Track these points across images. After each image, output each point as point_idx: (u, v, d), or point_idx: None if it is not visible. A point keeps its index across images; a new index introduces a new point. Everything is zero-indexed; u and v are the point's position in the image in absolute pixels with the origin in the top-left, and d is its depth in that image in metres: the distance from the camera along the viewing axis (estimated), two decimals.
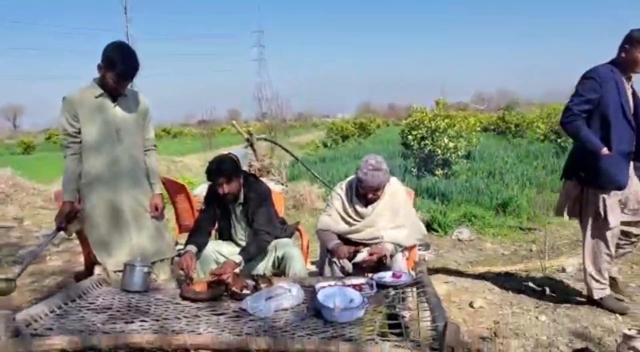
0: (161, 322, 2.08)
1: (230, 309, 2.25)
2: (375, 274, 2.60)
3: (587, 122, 2.99)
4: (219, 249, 3.01)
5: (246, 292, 2.37)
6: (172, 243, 3.11)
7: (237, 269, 2.63)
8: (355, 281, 2.46)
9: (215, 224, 3.12)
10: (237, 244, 3.06)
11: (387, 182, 2.96)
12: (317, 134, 29.42)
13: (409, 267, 2.90)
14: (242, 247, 2.88)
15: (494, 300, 3.40)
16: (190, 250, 2.81)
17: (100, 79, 2.66)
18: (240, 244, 3.02)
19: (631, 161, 3.07)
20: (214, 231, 3.17)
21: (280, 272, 2.97)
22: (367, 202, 2.98)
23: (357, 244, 2.91)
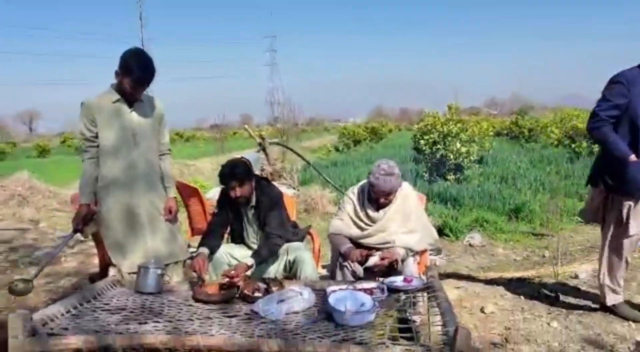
0: (174, 324, 2.10)
1: (242, 312, 2.26)
2: (386, 278, 2.60)
3: (615, 128, 2.91)
4: (231, 251, 3.04)
5: (258, 295, 2.38)
6: (185, 246, 3.14)
7: (248, 272, 2.66)
8: (367, 285, 2.46)
9: (228, 228, 3.15)
10: (249, 247, 3.09)
11: (399, 187, 2.96)
12: (328, 139, 29.47)
13: (420, 272, 2.90)
14: (254, 250, 2.90)
15: (505, 306, 3.38)
16: (202, 252, 2.84)
17: (117, 85, 2.71)
18: (252, 247, 3.04)
19: None
20: (226, 234, 3.20)
21: (291, 276, 2.99)
22: (378, 207, 2.98)
23: (368, 249, 2.92)
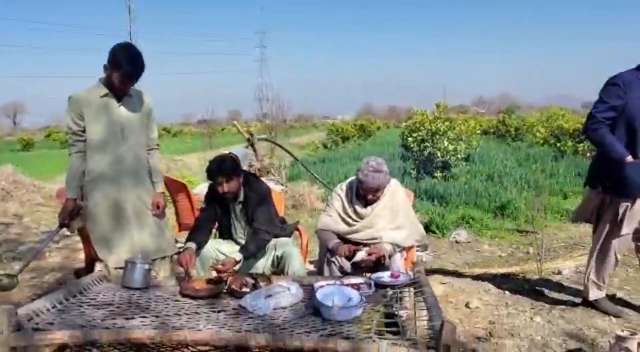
0: (161, 319, 2.09)
1: (229, 307, 2.26)
2: (373, 273, 2.62)
3: (611, 129, 2.91)
4: (218, 247, 3.03)
5: (245, 290, 2.39)
6: (173, 241, 3.13)
7: (236, 267, 2.66)
8: (354, 281, 2.48)
9: (216, 223, 3.15)
10: (237, 242, 3.09)
11: (387, 184, 2.98)
12: (317, 135, 29.41)
13: (407, 268, 2.93)
14: (242, 245, 2.91)
15: (490, 301, 3.43)
16: (190, 247, 2.84)
17: (105, 79, 2.69)
18: (240, 243, 3.04)
19: None
20: (214, 230, 3.20)
21: (279, 271, 3.00)
22: (366, 203, 3.00)
23: (356, 244, 2.94)
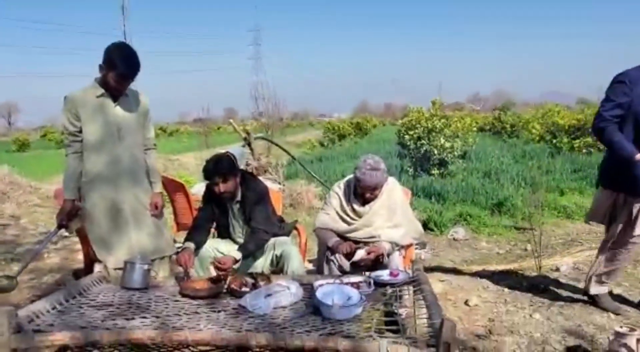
0: (162, 319, 2.09)
1: (229, 307, 2.26)
2: (372, 272, 2.63)
3: (619, 127, 2.88)
4: (217, 246, 3.03)
5: (245, 289, 2.39)
6: (171, 241, 3.13)
7: (236, 265, 2.66)
8: (353, 279, 2.48)
9: (214, 223, 3.15)
10: (235, 242, 3.09)
11: (385, 182, 2.99)
12: (313, 133, 29.42)
13: (406, 266, 2.93)
14: (241, 244, 2.91)
15: (488, 298, 3.44)
16: (188, 247, 2.84)
17: (101, 79, 2.68)
18: (239, 242, 3.04)
19: None
20: (212, 230, 3.20)
21: (278, 270, 3.00)
22: (364, 201, 3.01)
23: (355, 243, 2.94)
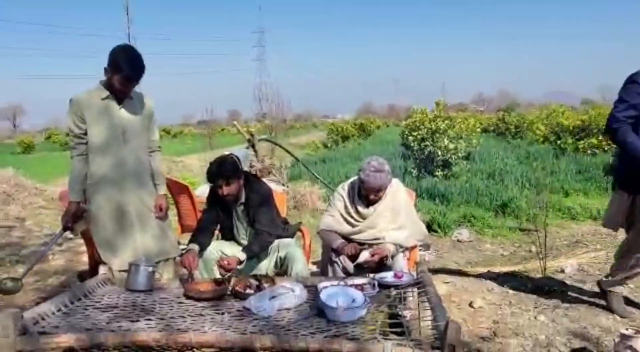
0: (166, 321, 2.09)
1: (234, 309, 2.27)
2: (376, 274, 2.63)
3: (633, 128, 2.85)
4: (221, 248, 3.03)
5: (249, 291, 2.40)
6: (176, 243, 3.14)
7: (240, 266, 2.67)
8: (357, 281, 2.48)
9: (218, 225, 3.15)
10: (240, 244, 3.09)
11: (389, 184, 2.99)
12: (317, 135, 29.40)
13: (410, 268, 2.93)
14: (245, 246, 2.92)
15: (493, 300, 3.43)
16: (193, 249, 2.85)
17: (106, 82, 2.69)
18: (243, 244, 3.04)
19: None
20: (217, 232, 3.20)
21: (282, 272, 3.00)
22: (369, 203, 3.01)
23: (360, 245, 2.94)
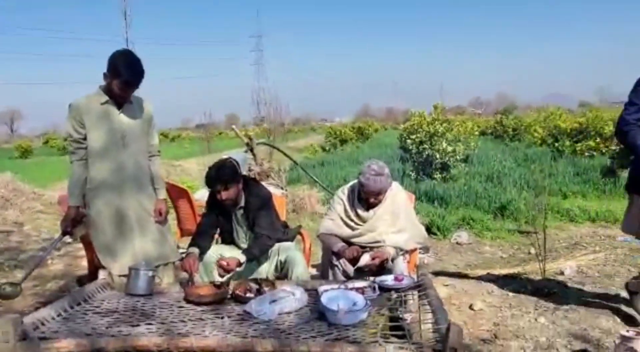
0: (167, 325, 2.09)
1: (234, 312, 2.26)
2: (377, 277, 2.63)
3: None
4: (221, 252, 3.03)
5: (250, 295, 2.39)
6: (176, 247, 3.13)
7: (240, 268, 2.67)
8: (358, 284, 2.48)
9: (217, 229, 3.15)
10: (239, 247, 3.08)
11: (389, 187, 2.99)
12: (315, 138, 29.45)
13: (410, 271, 2.93)
14: (245, 249, 2.92)
15: (493, 302, 3.43)
16: (193, 252, 2.85)
17: (106, 86, 2.69)
18: (242, 248, 3.03)
19: None
20: (216, 236, 3.20)
21: (282, 276, 3.00)
22: (368, 206, 3.01)
23: (360, 248, 2.94)
